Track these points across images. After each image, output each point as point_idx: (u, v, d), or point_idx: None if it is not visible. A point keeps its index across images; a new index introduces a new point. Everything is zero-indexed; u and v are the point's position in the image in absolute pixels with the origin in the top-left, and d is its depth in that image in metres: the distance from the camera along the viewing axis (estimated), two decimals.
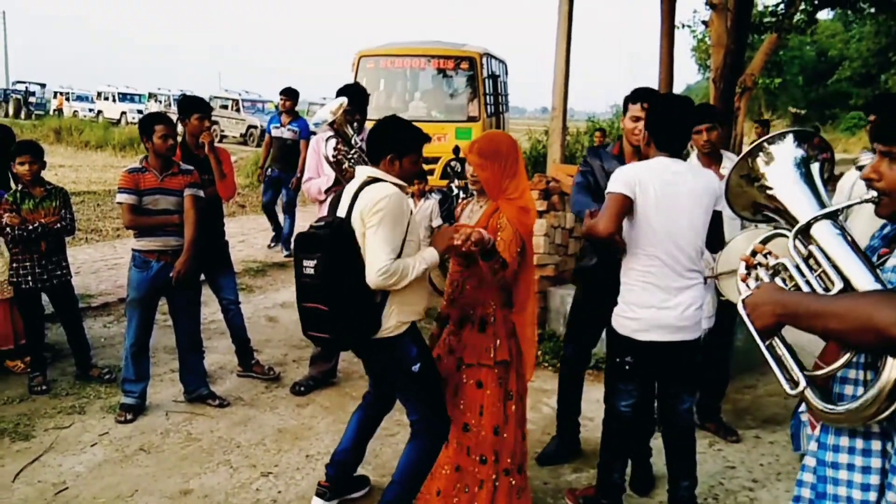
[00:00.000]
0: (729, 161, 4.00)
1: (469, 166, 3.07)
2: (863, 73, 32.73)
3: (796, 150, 1.82)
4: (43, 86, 35.53)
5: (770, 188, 1.82)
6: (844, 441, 1.61)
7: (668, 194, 2.89)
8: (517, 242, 2.96)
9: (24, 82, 34.77)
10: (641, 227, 2.91)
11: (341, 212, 2.90)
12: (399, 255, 2.81)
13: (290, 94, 8.36)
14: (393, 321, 2.87)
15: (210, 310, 5.52)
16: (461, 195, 7.16)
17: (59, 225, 4.49)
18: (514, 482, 3.08)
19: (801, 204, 1.75)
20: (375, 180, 2.87)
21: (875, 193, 1.63)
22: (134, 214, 4.07)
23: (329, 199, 3.21)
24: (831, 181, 1.96)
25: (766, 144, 1.85)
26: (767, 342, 1.67)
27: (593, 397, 4.00)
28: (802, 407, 1.93)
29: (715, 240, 3.13)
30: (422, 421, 3.01)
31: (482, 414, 3.03)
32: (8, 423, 4.04)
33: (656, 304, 2.93)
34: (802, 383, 1.61)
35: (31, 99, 33.26)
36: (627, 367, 3.06)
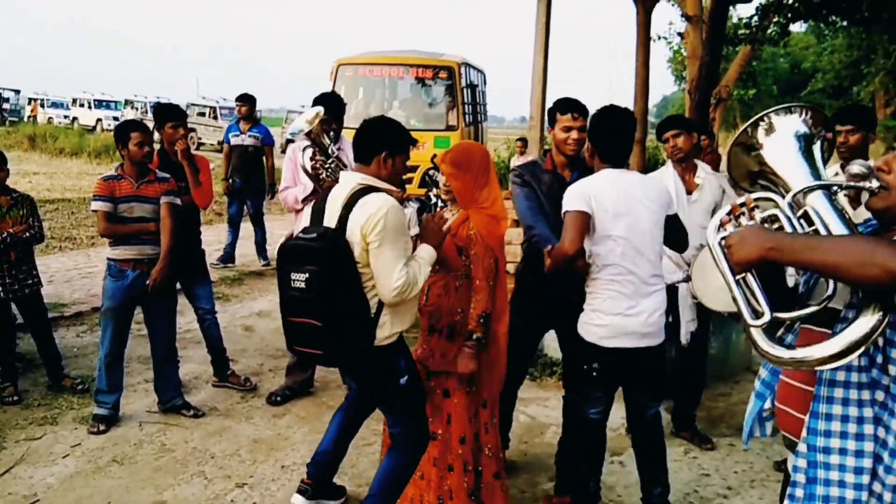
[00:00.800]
0: (703, 171, 4.05)
1: (442, 176, 3.10)
2: (835, 85, 33.30)
3: (800, 126, 1.82)
4: (17, 92, 35.07)
5: (769, 157, 1.82)
6: (836, 426, 1.64)
7: (623, 203, 2.94)
8: (490, 255, 2.99)
9: None
10: (602, 240, 2.95)
11: (330, 221, 2.75)
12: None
13: (247, 100, 8.04)
14: (386, 331, 2.77)
15: (185, 319, 5.47)
16: (439, 204, 7.17)
17: (27, 234, 4.44)
18: (504, 484, 3.17)
19: (797, 175, 1.76)
20: (367, 189, 2.75)
21: (877, 184, 1.64)
22: (109, 222, 4.03)
23: (309, 207, 3.13)
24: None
25: (771, 116, 1.84)
26: (739, 276, 1.65)
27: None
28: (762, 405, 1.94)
29: (677, 241, 3.19)
30: (404, 433, 2.96)
31: (450, 423, 3.05)
32: None
33: (623, 311, 2.96)
34: (767, 315, 1.61)
35: (5, 105, 32.82)
36: (595, 374, 3.07)
